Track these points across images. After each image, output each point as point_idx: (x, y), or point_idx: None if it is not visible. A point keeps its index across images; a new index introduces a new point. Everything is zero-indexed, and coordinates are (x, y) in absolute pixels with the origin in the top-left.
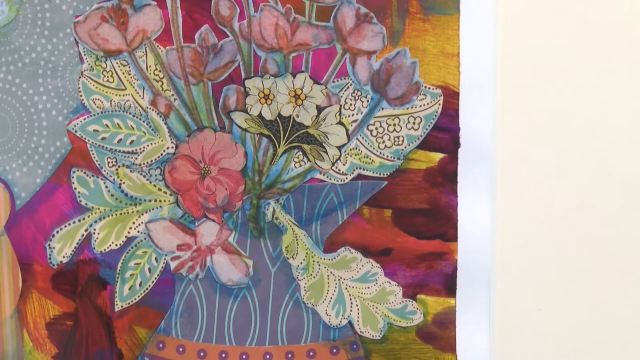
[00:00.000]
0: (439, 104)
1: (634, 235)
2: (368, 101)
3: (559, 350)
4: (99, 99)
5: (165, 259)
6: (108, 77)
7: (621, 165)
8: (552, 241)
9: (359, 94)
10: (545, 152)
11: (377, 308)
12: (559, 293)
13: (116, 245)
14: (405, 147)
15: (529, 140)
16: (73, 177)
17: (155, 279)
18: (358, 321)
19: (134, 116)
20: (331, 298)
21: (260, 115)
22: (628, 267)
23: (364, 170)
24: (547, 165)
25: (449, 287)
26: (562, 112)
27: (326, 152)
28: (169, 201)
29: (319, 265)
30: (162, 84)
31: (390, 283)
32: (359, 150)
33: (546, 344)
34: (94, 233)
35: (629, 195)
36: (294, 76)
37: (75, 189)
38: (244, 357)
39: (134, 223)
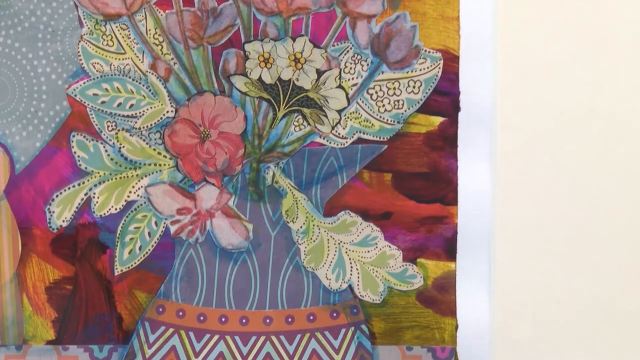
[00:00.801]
0: (439, 68)
1: (635, 191)
2: (368, 65)
3: (559, 313)
4: (98, 63)
5: (164, 223)
6: (107, 40)
7: (623, 126)
8: (552, 203)
9: (359, 57)
10: (545, 115)
11: (377, 272)
12: (559, 255)
13: (115, 209)
14: (405, 111)
15: (529, 103)
16: (72, 141)
17: (155, 242)
18: (358, 285)
19: (133, 80)
20: (331, 262)
21: (259, 78)
22: (629, 224)
23: (363, 133)
24: (547, 127)
25: (449, 251)
26: (563, 75)
27: (326, 116)
28: (169, 165)
29: (319, 229)
30: (162, 47)
31: (390, 247)
32: (359, 113)
33: (546, 307)
34: (94, 197)
35: (630, 154)
36: (294, 40)
37: (75, 152)
38: (244, 321)
39: (133, 187)
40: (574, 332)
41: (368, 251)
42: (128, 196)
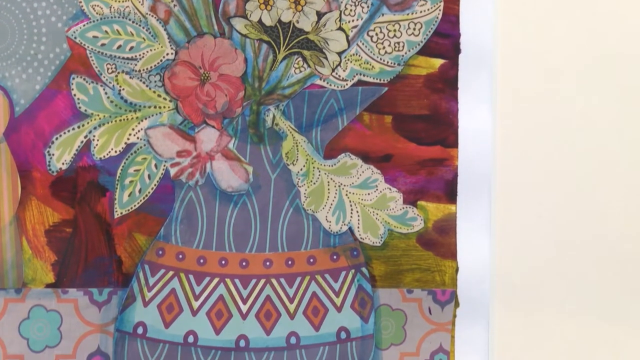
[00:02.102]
0: (439, 10)
1: (635, 137)
2: (368, 7)
3: (558, 255)
4: (98, 5)
5: (164, 165)
6: None
7: (623, 65)
8: (553, 146)
9: None
10: (545, 56)
11: (377, 214)
12: (560, 197)
13: (115, 152)
14: (406, 53)
15: (530, 44)
16: (72, 84)
17: (155, 185)
18: (358, 227)
19: (133, 22)
20: (331, 204)
21: (259, 21)
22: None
23: (363, 76)
24: (548, 69)
25: (450, 193)
26: (564, 18)
27: (326, 58)
28: (169, 107)
29: (319, 171)
30: None
31: (390, 189)
32: (359, 56)
33: (546, 249)
34: (93, 139)
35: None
36: None
37: (75, 95)
38: (244, 263)
39: (133, 129)
40: (574, 274)
41: (368, 194)
42: (128, 139)
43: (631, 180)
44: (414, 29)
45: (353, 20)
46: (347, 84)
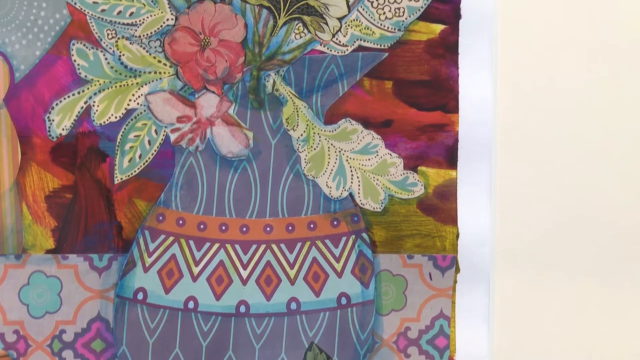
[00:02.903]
0: None
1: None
2: None
3: (559, 220)
4: None
5: (164, 131)
6: None
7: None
8: (554, 110)
9: None
10: (546, 20)
11: (377, 180)
12: (560, 162)
13: (115, 117)
14: (406, 18)
15: (530, 8)
16: (72, 49)
17: (155, 151)
18: (358, 193)
19: None
20: (331, 170)
21: None
22: (631, 134)
23: (364, 41)
24: (548, 33)
25: (450, 159)
26: None
27: (326, 23)
28: (169, 73)
29: (319, 137)
30: None
31: (390, 155)
32: (359, 21)
33: (547, 214)
34: (93, 105)
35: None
36: None
37: (75, 61)
38: (244, 229)
39: (133, 95)
40: (574, 239)
41: (369, 159)
42: (128, 104)
43: (633, 143)
44: None
45: None
46: (347, 50)
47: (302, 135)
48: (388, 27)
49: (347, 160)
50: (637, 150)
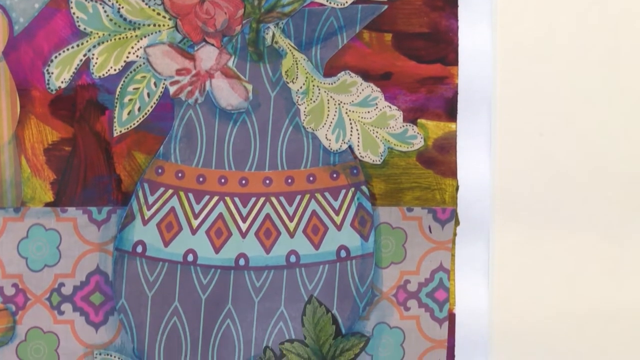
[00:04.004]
0: None
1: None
2: None
3: (559, 173)
4: None
5: (164, 84)
6: None
7: None
8: (554, 63)
9: None
10: None
11: (377, 132)
12: (560, 117)
13: (115, 70)
14: None
15: None
16: (71, 2)
17: (154, 103)
18: (358, 145)
19: None
20: (331, 122)
21: None
22: (632, 87)
23: None
24: None
25: (450, 111)
26: None
27: None
28: (168, 25)
29: (319, 89)
30: None
31: (390, 107)
32: None
33: (547, 167)
34: (92, 58)
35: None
36: None
37: (74, 13)
38: (243, 182)
39: (132, 47)
40: (574, 191)
41: (368, 112)
42: (127, 57)
43: (636, 92)
44: None
45: None
46: (346, 2)
47: (301, 87)
48: None
49: (346, 112)
50: None
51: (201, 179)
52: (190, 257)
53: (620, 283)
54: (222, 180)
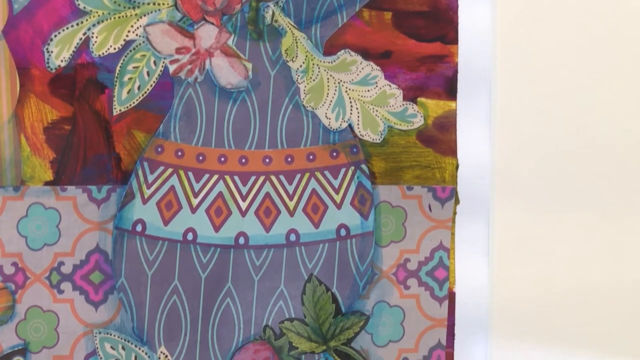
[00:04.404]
0: None
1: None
2: None
3: (559, 151)
4: None
5: (163, 62)
6: None
7: None
8: (554, 41)
9: None
10: None
11: (377, 111)
12: (560, 94)
13: (114, 49)
14: None
15: None
16: None
17: (154, 82)
18: (358, 124)
19: None
20: (331, 101)
21: None
22: (632, 65)
23: None
24: None
25: (450, 90)
26: None
27: None
28: (168, 4)
29: (319, 68)
30: None
31: (390, 86)
32: None
33: (547, 145)
34: (92, 36)
35: None
36: None
37: None
38: (243, 160)
39: (132, 26)
40: (574, 170)
41: (368, 90)
42: (127, 35)
43: (634, 74)
44: None
45: None
46: None
47: (301, 66)
48: None
49: (346, 91)
50: None
51: (201, 158)
52: (190, 236)
53: (620, 261)
54: (222, 159)
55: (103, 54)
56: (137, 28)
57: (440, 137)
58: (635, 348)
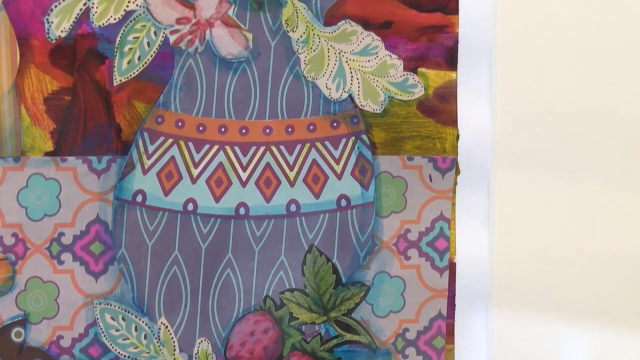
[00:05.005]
0: None
1: None
2: None
3: (560, 121)
4: None
5: (164, 33)
6: None
7: None
8: (555, 10)
9: None
10: None
11: (377, 81)
12: (561, 64)
13: (115, 19)
14: None
15: None
16: None
17: (154, 52)
18: (358, 94)
19: None
20: (331, 71)
21: None
22: (632, 35)
23: None
24: None
25: (450, 60)
26: None
27: None
28: None
29: (319, 38)
30: None
31: (390, 56)
32: None
33: (548, 115)
34: (92, 7)
35: None
36: None
37: None
38: (243, 131)
39: None
40: (576, 138)
41: (369, 60)
42: (127, 6)
43: (634, 43)
44: None
45: None
46: None
47: (301, 36)
48: None
49: (346, 61)
50: None
51: (201, 128)
52: (190, 207)
53: (621, 230)
54: (222, 129)
55: (103, 24)
56: None
57: (441, 108)
58: (636, 317)
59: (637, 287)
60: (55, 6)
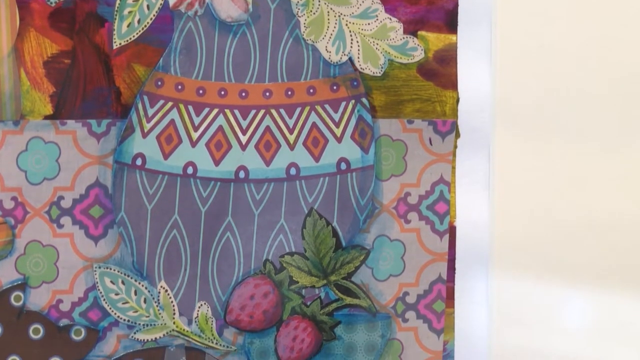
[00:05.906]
0: None
1: None
2: None
3: (560, 85)
4: None
5: None
6: None
7: None
8: None
9: None
10: None
11: (377, 44)
12: (561, 27)
13: None
14: None
15: None
16: None
17: (154, 15)
18: (358, 57)
19: None
20: (331, 34)
21: None
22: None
23: None
24: None
25: (450, 23)
26: None
27: None
28: None
29: (319, 1)
30: None
31: (390, 19)
32: None
33: (548, 79)
34: None
35: None
36: None
37: None
38: (243, 94)
39: None
40: (576, 101)
41: (368, 23)
42: None
43: (636, 6)
44: None
45: None
46: None
47: None
48: None
49: (346, 24)
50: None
51: (201, 92)
52: (190, 170)
53: (621, 193)
54: (222, 93)
55: None
56: None
57: (441, 71)
58: (635, 280)
59: (637, 248)
60: None
